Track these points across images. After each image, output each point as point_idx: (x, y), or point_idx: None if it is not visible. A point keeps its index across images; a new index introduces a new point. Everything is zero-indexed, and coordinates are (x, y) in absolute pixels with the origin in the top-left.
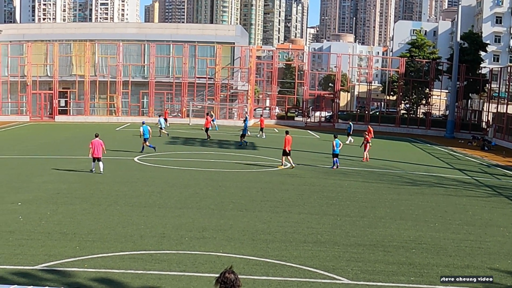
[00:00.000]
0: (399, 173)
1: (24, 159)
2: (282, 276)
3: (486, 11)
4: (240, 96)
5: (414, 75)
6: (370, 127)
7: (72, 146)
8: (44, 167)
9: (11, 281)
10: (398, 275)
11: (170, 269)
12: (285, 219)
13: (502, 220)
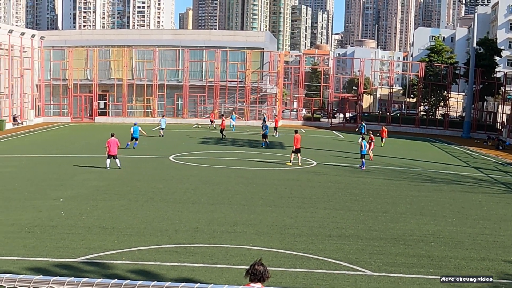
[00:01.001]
0: (419, 171)
1: (66, 158)
2: (308, 268)
3: (501, 19)
4: (269, 98)
5: (432, 79)
6: (384, 128)
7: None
8: (85, 165)
9: (53, 273)
10: (418, 267)
11: (203, 261)
12: (312, 214)
13: None
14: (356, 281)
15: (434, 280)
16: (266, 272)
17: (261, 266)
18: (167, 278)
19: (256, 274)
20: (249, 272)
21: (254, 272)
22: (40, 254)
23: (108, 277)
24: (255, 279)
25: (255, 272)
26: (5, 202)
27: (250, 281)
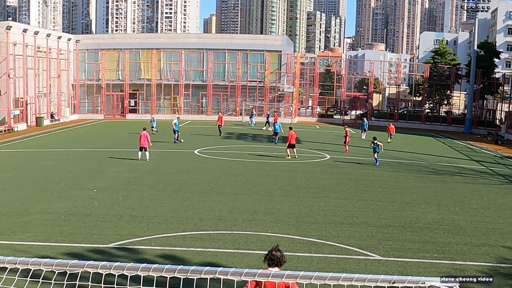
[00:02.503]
0: (424, 164)
1: (99, 152)
2: (322, 253)
3: (500, 23)
4: (286, 97)
5: (437, 79)
6: (391, 125)
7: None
8: (117, 158)
9: (87, 258)
10: (423, 252)
11: (225, 247)
12: (325, 203)
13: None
14: (366, 265)
15: (438, 264)
16: (283, 257)
17: (278, 251)
18: (192, 263)
19: (273, 259)
20: (267, 258)
21: (272, 257)
22: (75, 240)
23: (138, 262)
24: (272, 264)
25: (273, 257)
26: (44, 193)
27: (268, 266)
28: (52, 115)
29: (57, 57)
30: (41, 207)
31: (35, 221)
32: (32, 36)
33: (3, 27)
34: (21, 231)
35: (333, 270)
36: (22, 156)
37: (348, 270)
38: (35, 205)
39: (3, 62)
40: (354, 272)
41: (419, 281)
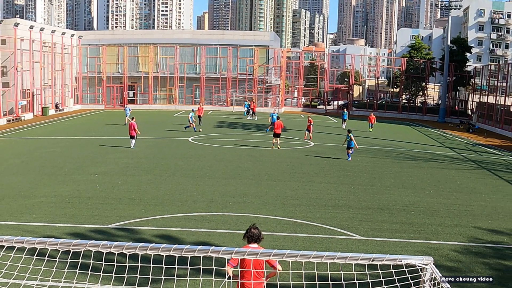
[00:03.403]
0: (401, 151)
1: (100, 139)
2: (307, 233)
3: (471, 21)
4: (273, 88)
5: (413, 72)
6: (372, 115)
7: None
8: (117, 145)
9: (89, 237)
10: (400, 232)
11: (217, 227)
12: (310, 187)
13: (483, 188)
14: (347, 244)
15: (414, 243)
16: (260, 235)
17: (256, 229)
18: (186, 242)
19: (252, 237)
20: (247, 235)
21: (251, 235)
22: (78, 221)
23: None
24: (252, 240)
25: (252, 234)
26: (49, 177)
27: (248, 242)
28: (56, 105)
29: (61, 52)
30: (46, 190)
31: (41, 204)
32: (38, 32)
33: (11, 24)
34: (28, 213)
35: (317, 249)
36: (29, 143)
37: (331, 249)
38: (41, 188)
39: (11, 56)
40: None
41: (396, 259)
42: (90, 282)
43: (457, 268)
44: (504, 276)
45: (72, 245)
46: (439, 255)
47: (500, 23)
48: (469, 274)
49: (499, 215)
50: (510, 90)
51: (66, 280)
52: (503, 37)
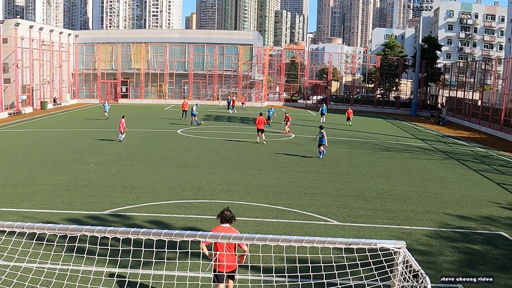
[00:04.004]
0: (376, 142)
1: (96, 131)
2: (288, 219)
3: (441, 21)
4: (257, 84)
5: (387, 69)
6: (350, 109)
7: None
8: (111, 137)
9: (85, 223)
10: (375, 218)
11: (204, 213)
12: (291, 176)
13: (453, 177)
14: (326, 229)
15: (388, 228)
16: (234, 217)
17: (229, 211)
18: (175, 227)
19: (225, 218)
20: (220, 216)
21: (223, 216)
22: (74, 208)
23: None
24: (224, 221)
25: (224, 216)
26: (48, 167)
27: (220, 222)
28: (54, 100)
29: (59, 50)
30: (45, 179)
31: (40, 191)
32: (37, 31)
33: (12, 24)
34: (28, 200)
35: (297, 233)
36: (29, 135)
37: (310, 234)
38: (40, 177)
39: (12, 54)
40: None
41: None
42: (86, 264)
43: (428, 251)
44: (472, 259)
45: (69, 230)
46: (411, 239)
47: (468, 23)
48: (439, 257)
49: (467, 202)
50: (477, 86)
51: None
52: (471, 36)
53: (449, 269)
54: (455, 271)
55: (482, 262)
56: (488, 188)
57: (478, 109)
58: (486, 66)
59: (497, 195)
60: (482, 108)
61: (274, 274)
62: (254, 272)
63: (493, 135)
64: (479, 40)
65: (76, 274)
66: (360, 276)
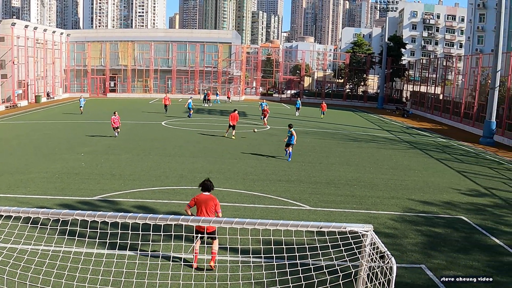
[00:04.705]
0: (345, 133)
1: (86, 123)
2: (264, 204)
3: (406, 21)
4: (235, 79)
5: (355, 65)
6: (324, 103)
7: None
8: (101, 128)
9: (76, 208)
10: (345, 203)
11: (186, 199)
12: (266, 165)
13: (416, 165)
14: (299, 214)
15: (357, 213)
16: (211, 185)
17: (209, 181)
18: (160, 212)
19: (205, 187)
20: (201, 185)
21: (204, 185)
22: (66, 194)
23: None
24: (205, 189)
25: (205, 185)
26: (42, 156)
27: (202, 191)
28: (48, 94)
29: (52, 48)
30: (39, 167)
31: (34, 179)
32: (32, 31)
33: (9, 24)
34: (23, 187)
35: (273, 217)
36: (24, 127)
37: (285, 218)
38: (34, 166)
39: (9, 51)
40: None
41: (341, 226)
42: (77, 246)
43: (393, 234)
44: (434, 241)
45: (61, 215)
46: (378, 223)
47: (430, 23)
48: (403, 239)
49: (429, 188)
50: (439, 81)
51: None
52: (433, 35)
53: (413, 250)
54: (418, 252)
55: (444, 244)
56: (449, 176)
57: (440, 102)
58: (447, 62)
59: (457, 182)
60: (443, 101)
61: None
62: (232, 254)
63: (453, 127)
64: (440, 39)
65: (68, 255)
66: (330, 257)
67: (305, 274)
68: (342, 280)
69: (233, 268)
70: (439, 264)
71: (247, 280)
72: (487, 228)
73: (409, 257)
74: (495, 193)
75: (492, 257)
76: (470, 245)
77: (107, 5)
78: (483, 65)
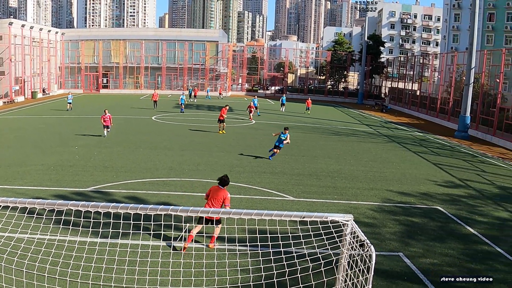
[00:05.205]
0: (327, 127)
1: (80, 118)
2: (249, 195)
3: (384, 20)
4: (222, 76)
5: (336, 62)
6: (309, 100)
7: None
8: (94, 123)
9: (70, 198)
10: (326, 194)
11: (175, 190)
12: (252, 157)
13: (394, 158)
14: (283, 204)
15: (338, 203)
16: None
17: (226, 177)
18: (150, 202)
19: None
20: (219, 179)
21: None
22: (61, 185)
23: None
24: (221, 184)
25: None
26: (38, 149)
27: (218, 184)
28: (43, 90)
29: (47, 46)
30: (35, 160)
31: (31, 171)
32: (28, 30)
33: (6, 23)
34: (20, 178)
35: (258, 208)
36: (21, 121)
37: (269, 208)
38: (31, 158)
39: (6, 50)
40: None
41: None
42: (71, 235)
43: (372, 224)
44: (412, 230)
45: (56, 205)
46: (358, 213)
47: (408, 23)
48: (382, 228)
49: (407, 180)
50: (416, 78)
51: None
52: (411, 34)
53: (391, 239)
54: (396, 241)
55: (421, 233)
56: (426, 168)
57: (417, 98)
58: (424, 60)
59: (433, 174)
60: (420, 97)
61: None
62: (219, 242)
63: (430, 121)
64: (417, 38)
65: (62, 244)
66: (313, 246)
67: (289, 261)
68: (324, 268)
69: (220, 256)
70: (416, 252)
71: (233, 268)
72: (462, 218)
73: (388, 246)
74: (470, 184)
75: (467, 246)
76: (445, 234)
77: (100, 5)
78: (458, 62)
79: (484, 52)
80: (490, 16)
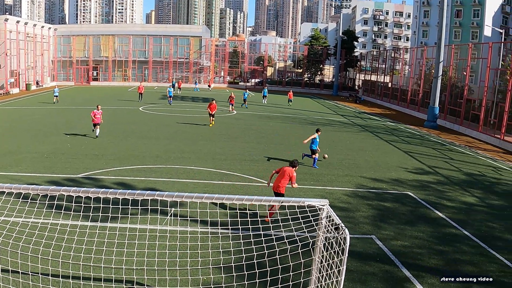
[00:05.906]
0: (304, 117)
1: (72, 108)
2: (231, 181)
3: (358, 16)
4: (205, 69)
5: (313, 56)
6: (291, 92)
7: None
8: (85, 114)
9: (62, 184)
10: (303, 180)
11: (161, 177)
12: (233, 146)
13: (368, 146)
14: (262, 189)
15: (314, 189)
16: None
17: (296, 161)
18: (138, 188)
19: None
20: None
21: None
22: (54, 172)
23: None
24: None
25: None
26: (32, 138)
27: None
28: (37, 82)
29: (41, 41)
30: (29, 148)
31: (25, 158)
32: (23, 26)
33: (2, 20)
34: (15, 165)
35: (239, 193)
36: (16, 112)
37: (249, 193)
38: (25, 146)
39: (2, 44)
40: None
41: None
42: (63, 219)
43: (347, 208)
44: (384, 214)
45: (49, 191)
46: (333, 198)
47: (380, 19)
48: (356, 212)
49: (380, 167)
50: (388, 71)
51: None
52: (383, 29)
53: (364, 222)
54: (369, 224)
55: (392, 217)
56: (397, 156)
57: (389, 90)
58: (395, 54)
59: (404, 161)
60: (392, 89)
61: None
62: (202, 225)
63: (401, 112)
64: (389, 33)
65: (55, 227)
66: (290, 229)
67: (268, 244)
68: (301, 250)
69: (203, 238)
70: (388, 235)
71: (216, 249)
72: (431, 203)
73: (361, 229)
74: (438, 171)
75: (436, 229)
76: (415, 218)
77: (90, 3)
78: (427, 56)
79: (452, 47)
80: (458, 12)
